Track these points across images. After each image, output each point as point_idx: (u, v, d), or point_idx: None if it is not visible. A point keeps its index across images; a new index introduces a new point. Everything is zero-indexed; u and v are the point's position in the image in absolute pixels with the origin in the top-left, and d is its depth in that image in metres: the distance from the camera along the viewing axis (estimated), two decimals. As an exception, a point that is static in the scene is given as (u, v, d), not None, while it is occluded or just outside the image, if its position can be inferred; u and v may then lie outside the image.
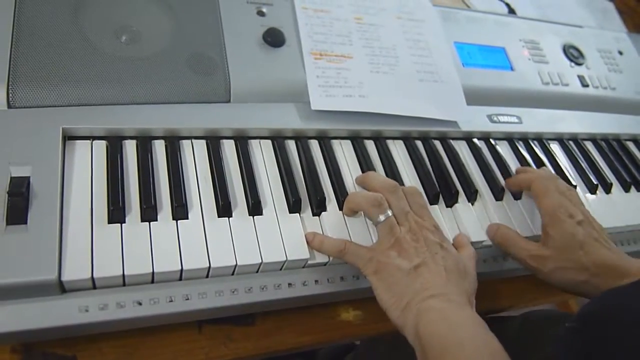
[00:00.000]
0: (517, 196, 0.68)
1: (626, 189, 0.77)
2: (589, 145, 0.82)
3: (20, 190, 0.46)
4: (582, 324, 0.49)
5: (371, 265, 0.51)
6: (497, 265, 0.64)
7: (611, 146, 0.83)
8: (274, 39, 0.64)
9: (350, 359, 0.97)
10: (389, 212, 0.53)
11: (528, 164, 0.72)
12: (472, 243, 0.61)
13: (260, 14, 0.66)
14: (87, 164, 0.52)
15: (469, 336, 0.46)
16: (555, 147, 0.78)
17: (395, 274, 0.50)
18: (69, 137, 0.53)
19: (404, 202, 0.55)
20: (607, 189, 0.76)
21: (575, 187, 0.71)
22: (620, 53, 0.94)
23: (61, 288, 0.45)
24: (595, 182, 0.75)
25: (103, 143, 0.54)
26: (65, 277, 0.45)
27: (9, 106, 0.51)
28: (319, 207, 0.57)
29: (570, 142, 0.80)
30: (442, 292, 0.49)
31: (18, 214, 0.45)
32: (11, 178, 0.47)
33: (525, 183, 0.66)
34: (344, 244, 0.53)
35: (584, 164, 0.77)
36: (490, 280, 0.67)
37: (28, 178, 0.47)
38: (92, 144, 0.54)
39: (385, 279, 0.50)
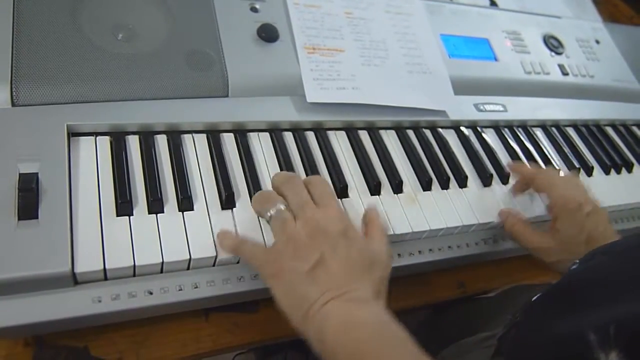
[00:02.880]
0: (504, 181, 0.70)
1: (606, 172, 0.81)
2: (571, 131, 0.85)
3: (30, 186, 0.47)
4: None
5: (267, 267, 0.47)
6: (486, 247, 0.67)
7: (591, 131, 0.87)
8: (268, 34, 0.66)
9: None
10: (281, 206, 0.49)
11: (514, 151, 0.75)
12: (463, 226, 0.63)
13: (254, 10, 0.68)
14: (93, 159, 0.53)
15: (370, 335, 0.43)
16: (539, 134, 0.81)
17: (292, 278, 0.46)
18: (73, 134, 0.54)
19: (302, 192, 0.50)
20: (589, 172, 0.79)
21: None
22: (597, 42, 0.98)
23: (74, 280, 0.47)
24: (577, 166, 0.78)
25: (106, 139, 0.55)
26: (78, 269, 0.46)
27: (13, 104, 0.52)
28: (318, 195, 0.59)
29: (553, 129, 0.83)
30: (343, 290, 0.45)
31: (29, 209, 0.46)
32: (20, 174, 0.48)
33: (528, 176, 0.67)
34: (239, 242, 0.49)
35: (566, 149, 0.80)
36: (481, 262, 0.70)
37: (36, 174, 0.48)
38: (95, 139, 0.55)
39: (283, 284, 0.46)
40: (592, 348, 0.34)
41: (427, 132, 0.72)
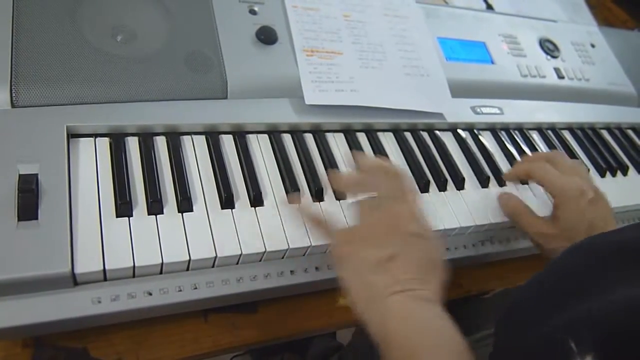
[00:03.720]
0: (501, 183, 0.71)
1: (602, 175, 0.82)
2: (567, 134, 0.86)
3: (30, 187, 0.47)
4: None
5: (340, 248, 0.49)
6: (483, 249, 0.67)
7: (587, 134, 0.88)
8: (267, 36, 0.66)
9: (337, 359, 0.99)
10: (374, 194, 0.51)
11: (511, 153, 0.76)
12: (460, 228, 0.64)
13: (252, 12, 0.68)
14: (92, 160, 0.53)
15: (434, 337, 0.44)
16: (535, 136, 0.82)
17: (361, 266, 0.47)
18: (72, 135, 0.54)
19: (394, 186, 0.51)
20: (585, 174, 0.80)
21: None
22: (593, 46, 0.99)
23: (73, 281, 0.47)
24: (573, 169, 0.79)
25: (106, 140, 0.55)
26: (78, 270, 0.46)
27: (13, 106, 0.52)
28: (317, 197, 0.59)
29: (549, 131, 0.84)
30: (411, 287, 0.46)
31: (29, 209, 0.46)
32: (20, 175, 0.48)
33: (523, 173, 0.67)
34: (319, 219, 0.53)
35: (562, 152, 0.81)
36: (478, 264, 0.70)
37: (36, 175, 0.48)
38: (95, 141, 0.55)
39: (352, 267, 0.47)
40: (570, 352, 0.34)
41: (425, 135, 0.73)
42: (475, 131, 0.77)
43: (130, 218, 0.51)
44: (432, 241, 0.50)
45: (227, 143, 0.60)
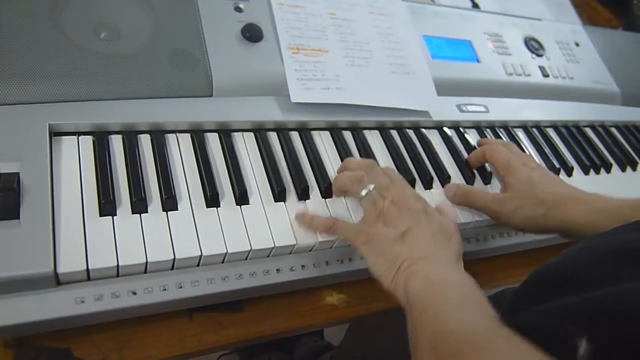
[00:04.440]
0: (486, 180, 0.71)
1: (586, 172, 0.83)
2: (551, 132, 0.86)
3: (11, 186, 0.46)
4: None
5: (361, 236, 0.53)
6: (468, 247, 0.68)
7: (571, 132, 0.89)
8: (252, 34, 0.66)
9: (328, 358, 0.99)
10: (370, 187, 0.56)
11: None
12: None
13: (238, 9, 0.68)
14: (75, 159, 0.53)
15: (453, 290, 0.47)
16: (520, 134, 0.82)
17: (383, 243, 0.52)
18: (54, 133, 0.54)
19: (383, 177, 0.57)
20: (569, 172, 0.80)
21: None
22: (577, 44, 0.99)
23: (56, 281, 0.46)
24: (557, 166, 0.79)
25: (89, 138, 0.55)
26: (61, 270, 0.46)
27: (-6, 103, 0.52)
28: (302, 195, 0.59)
29: (534, 129, 0.85)
30: (430, 254, 0.51)
31: (10, 209, 0.46)
32: (1, 174, 0.47)
33: (481, 155, 0.71)
34: (333, 220, 0.56)
35: (547, 150, 0.82)
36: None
37: (18, 174, 0.48)
38: (78, 139, 0.54)
39: (375, 248, 0.52)
40: (567, 335, 0.36)
41: (411, 133, 0.73)
42: (461, 129, 0.77)
43: (114, 217, 0.50)
44: (436, 216, 0.56)
45: (213, 141, 0.60)
